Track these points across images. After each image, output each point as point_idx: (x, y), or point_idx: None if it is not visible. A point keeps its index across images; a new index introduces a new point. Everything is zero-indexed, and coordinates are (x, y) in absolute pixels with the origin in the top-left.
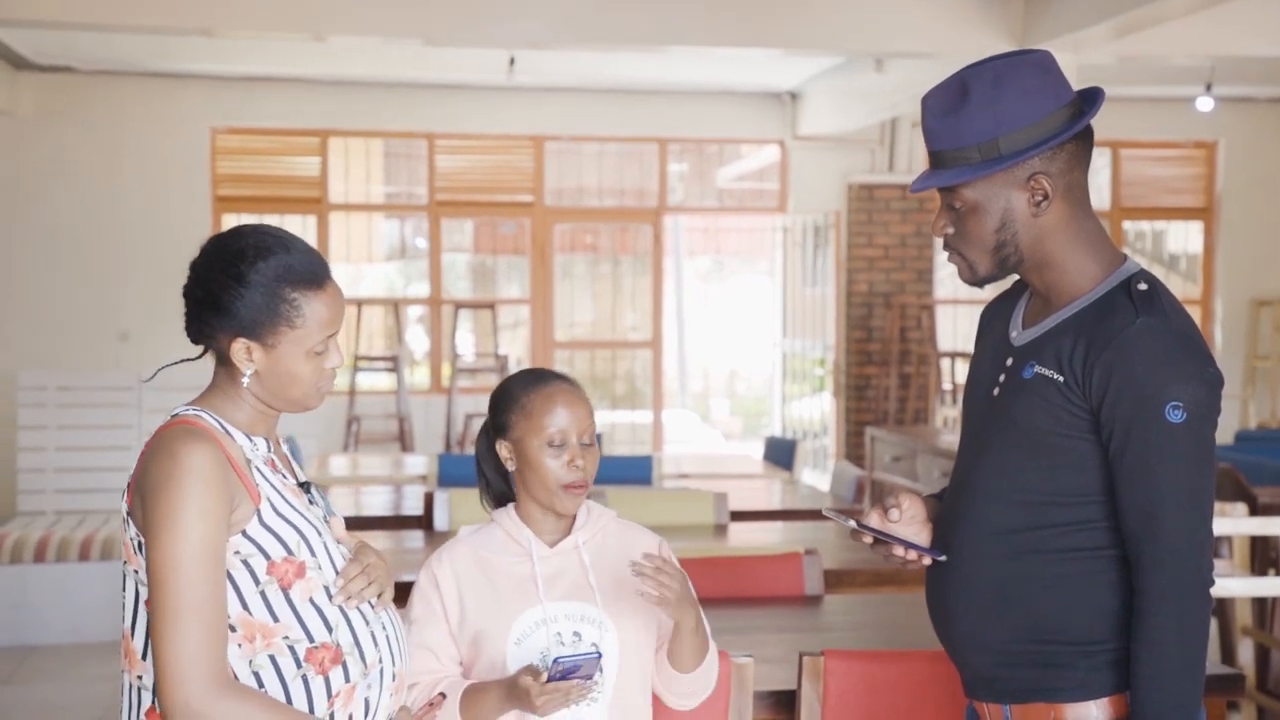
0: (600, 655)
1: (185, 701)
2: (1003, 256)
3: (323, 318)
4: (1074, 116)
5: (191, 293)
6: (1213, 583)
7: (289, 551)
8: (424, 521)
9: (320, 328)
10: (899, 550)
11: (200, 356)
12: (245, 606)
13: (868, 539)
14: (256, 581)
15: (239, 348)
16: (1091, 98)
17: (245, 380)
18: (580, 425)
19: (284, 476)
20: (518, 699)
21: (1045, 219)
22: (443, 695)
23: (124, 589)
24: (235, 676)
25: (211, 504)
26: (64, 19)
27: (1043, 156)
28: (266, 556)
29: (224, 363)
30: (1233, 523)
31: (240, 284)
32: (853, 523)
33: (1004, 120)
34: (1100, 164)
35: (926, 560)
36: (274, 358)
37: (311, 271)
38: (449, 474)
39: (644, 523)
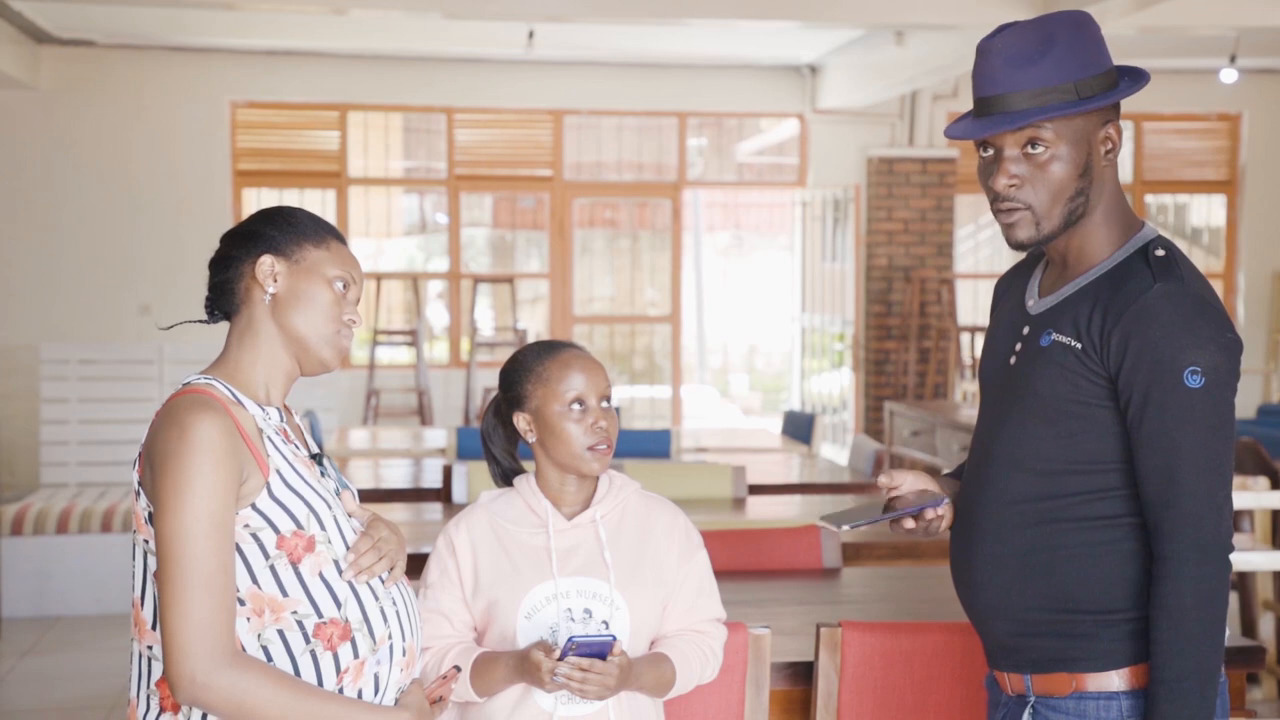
0: (615, 639)
1: (191, 674)
2: (1073, 207)
3: (343, 256)
4: (1115, 82)
5: (217, 262)
6: (1232, 548)
7: (298, 525)
8: (443, 494)
9: (340, 263)
10: (907, 522)
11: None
12: (254, 580)
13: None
14: (266, 555)
15: (265, 263)
16: (1132, 74)
17: (266, 298)
18: (598, 388)
19: (296, 448)
20: (527, 672)
21: (1105, 173)
22: (457, 669)
23: (134, 559)
24: (243, 650)
25: (220, 476)
26: None
27: (1112, 106)
28: (276, 530)
29: (239, 311)
30: (1254, 496)
31: (267, 225)
32: (846, 527)
33: (1089, 63)
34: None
35: (929, 514)
36: (296, 275)
37: (329, 228)
38: (467, 447)
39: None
